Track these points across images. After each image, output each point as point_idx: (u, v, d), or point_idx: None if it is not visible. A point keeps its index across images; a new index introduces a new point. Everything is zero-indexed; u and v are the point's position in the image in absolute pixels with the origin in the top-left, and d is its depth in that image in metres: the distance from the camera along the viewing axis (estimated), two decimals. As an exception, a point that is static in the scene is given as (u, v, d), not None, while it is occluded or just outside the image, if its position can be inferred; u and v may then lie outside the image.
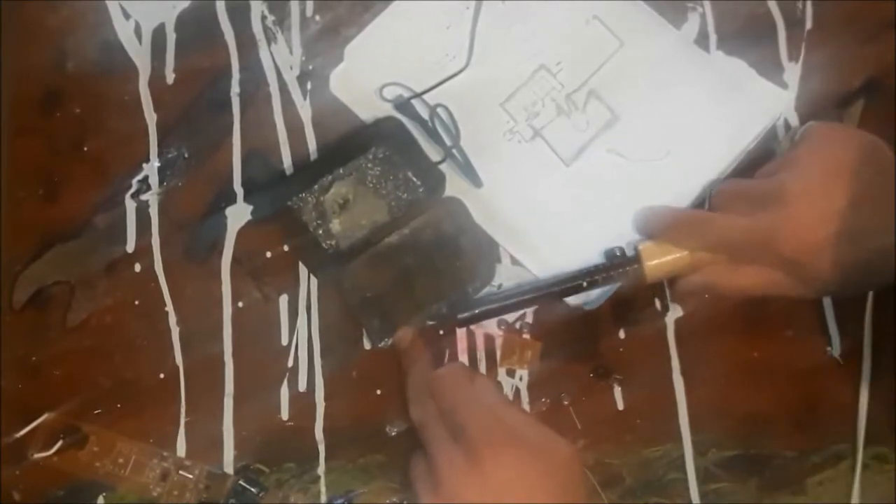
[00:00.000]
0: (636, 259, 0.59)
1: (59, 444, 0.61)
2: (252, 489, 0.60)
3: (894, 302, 0.60)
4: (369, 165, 0.62)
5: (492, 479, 0.48)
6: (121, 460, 0.61)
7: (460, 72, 0.65)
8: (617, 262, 0.59)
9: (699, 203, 0.63)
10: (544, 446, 0.50)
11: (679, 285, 0.59)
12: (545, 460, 0.49)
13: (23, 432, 0.61)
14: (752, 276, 0.56)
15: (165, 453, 0.61)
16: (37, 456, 0.61)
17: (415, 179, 0.62)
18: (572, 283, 0.60)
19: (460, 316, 0.61)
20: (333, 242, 0.62)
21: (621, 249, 0.60)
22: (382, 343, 0.61)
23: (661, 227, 0.59)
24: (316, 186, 0.62)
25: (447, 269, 0.62)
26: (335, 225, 0.62)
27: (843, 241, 0.51)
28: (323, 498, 0.61)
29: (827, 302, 0.62)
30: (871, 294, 0.61)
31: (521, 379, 0.62)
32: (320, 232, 0.62)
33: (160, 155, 0.66)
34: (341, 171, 0.62)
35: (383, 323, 0.61)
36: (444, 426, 0.51)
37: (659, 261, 0.58)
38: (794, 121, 0.65)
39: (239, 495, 0.60)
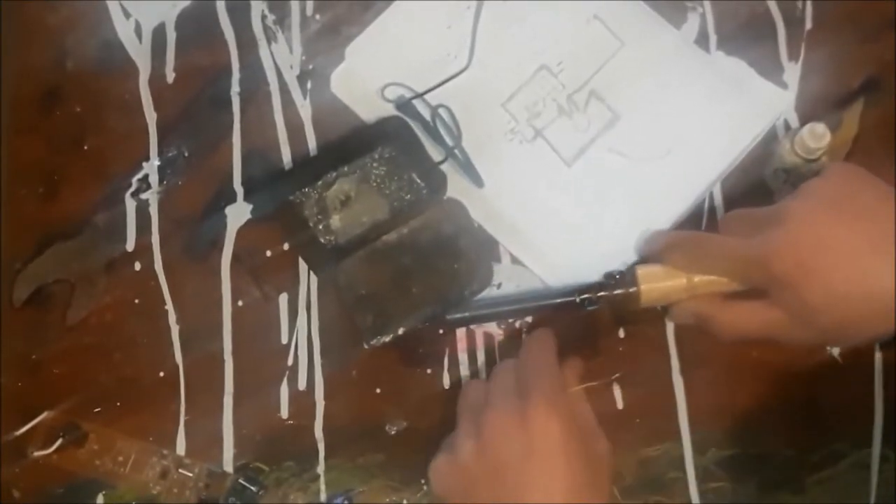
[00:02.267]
0: (633, 281, 0.58)
1: (59, 442, 0.61)
2: (251, 488, 0.60)
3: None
4: (375, 165, 0.62)
5: (536, 440, 0.50)
6: (120, 458, 0.61)
7: (461, 72, 0.65)
8: (613, 283, 0.59)
9: (699, 205, 0.63)
10: (591, 435, 0.54)
11: (673, 313, 0.58)
12: (587, 447, 0.53)
13: (22, 430, 0.61)
14: (747, 313, 0.54)
15: (165, 451, 0.61)
16: (36, 454, 0.61)
17: (419, 181, 0.62)
18: (566, 298, 0.60)
19: (449, 317, 0.61)
20: (332, 238, 0.62)
21: (620, 273, 0.59)
22: (375, 341, 0.61)
23: (659, 247, 0.59)
24: (319, 182, 0.62)
25: (445, 271, 0.62)
26: (335, 221, 0.62)
27: (839, 271, 0.50)
28: (322, 496, 0.61)
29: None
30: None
31: (521, 378, 0.62)
32: (320, 227, 0.62)
33: (160, 154, 0.66)
34: (346, 168, 0.62)
35: (377, 321, 0.61)
36: (515, 376, 0.54)
37: (655, 285, 0.57)
38: (793, 121, 0.65)
39: (238, 494, 0.60)
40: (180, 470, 0.61)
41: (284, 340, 0.63)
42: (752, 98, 0.64)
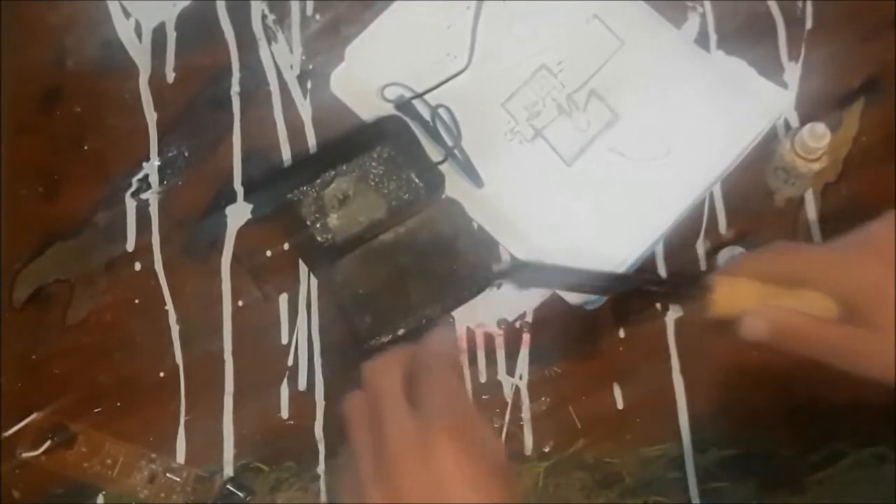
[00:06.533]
0: (707, 285, 0.52)
1: (48, 444, 0.61)
2: (239, 493, 0.60)
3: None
4: (373, 164, 0.62)
5: (446, 480, 0.46)
6: (109, 461, 0.61)
7: (461, 72, 0.65)
8: (687, 280, 0.54)
9: (699, 204, 0.63)
10: (489, 447, 0.49)
11: (744, 323, 0.52)
12: (490, 465, 0.48)
13: (10, 431, 0.61)
14: (829, 327, 0.50)
15: (153, 455, 0.61)
16: (25, 455, 0.61)
17: (417, 181, 0.62)
18: (635, 285, 0.57)
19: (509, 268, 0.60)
20: (329, 236, 0.62)
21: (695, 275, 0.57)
22: (374, 341, 0.61)
23: (747, 259, 0.55)
24: (318, 181, 0.62)
25: (442, 272, 0.62)
26: (332, 219, 0.62)
27: None
28: (323, 497, 0.60)
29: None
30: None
31: (521, 378, 0.62)
32: (318, 226, 0.62)
33: (160, 153, 0.66)
34: (345, 167, 0.62)
35: (375, 321, 0.61)
36: (405, 395, 0.49)
37: (730, 289, 0.52)
38: (794, 121, 0.65)
39: (226, 498, 0.60)
40: (168, 474, 0.60)
41: (285, 340, 0.63)
42: (753, 98, 0.64)
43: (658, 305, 0.62)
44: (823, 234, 0.63)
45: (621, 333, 0.62)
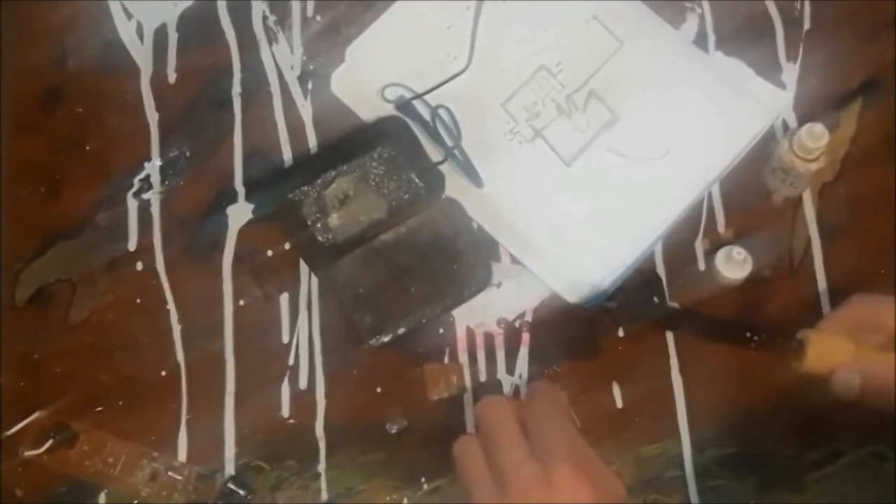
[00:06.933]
0: (803, 341, 0.56)
1: (50, 442, 0.61)
2: (240, 491, 0.60)
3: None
4: (374, 164, 0.62)
5: (564, 498, 0.46)
6: (111, 460, 0.61)
7: (461, 72, 0.66)
8: (783, 335, 0.57)
9: (697, 205, 0.64)
10: (609, 483, 0.49)
11: (837, 379, 0.55)
12: (611, 496, 0.48)
13: (12, 430, 0.61)
14: None
15: (156, 454, 0.61)
16: (27, 454, 0.61)
17: (417, 181, 0.63)
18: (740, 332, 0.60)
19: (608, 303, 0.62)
20: (330, 236, 0.62)
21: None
22: (374, 340, 0.61)
23: (833, 316, 0.57)
24: (319, 181, 0.62)
25: (443, 271, 0.62)
26: (333, 219, 0.62)
27: None
28: (324, 495, 0.61)
29: (825, 299, 0.62)
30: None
31: (520, 377, 0.62)
32: (318, 226, 0.62)
33: (162, 154, 0.66)
34: (345, 167, 0.62)
35: (376, 320, 0.61)
36: (523, 434, 0.49)
37: (825, 347, 0.55)
38: (792, 121, 0.65)
39: (227, 497, 0.60)
40: (170, 473, 0.60)
41: (285, 340, 0.63)
42: (751, 98, 0.64)
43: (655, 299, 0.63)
44: (822, 233, 0.63)
45: (621, 333, 0.63)
